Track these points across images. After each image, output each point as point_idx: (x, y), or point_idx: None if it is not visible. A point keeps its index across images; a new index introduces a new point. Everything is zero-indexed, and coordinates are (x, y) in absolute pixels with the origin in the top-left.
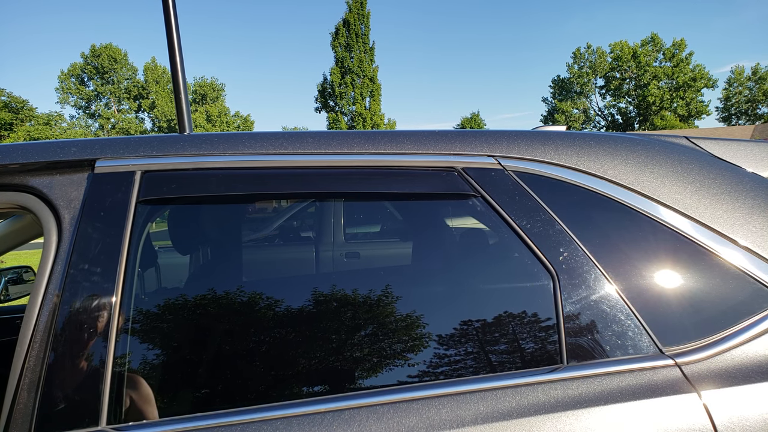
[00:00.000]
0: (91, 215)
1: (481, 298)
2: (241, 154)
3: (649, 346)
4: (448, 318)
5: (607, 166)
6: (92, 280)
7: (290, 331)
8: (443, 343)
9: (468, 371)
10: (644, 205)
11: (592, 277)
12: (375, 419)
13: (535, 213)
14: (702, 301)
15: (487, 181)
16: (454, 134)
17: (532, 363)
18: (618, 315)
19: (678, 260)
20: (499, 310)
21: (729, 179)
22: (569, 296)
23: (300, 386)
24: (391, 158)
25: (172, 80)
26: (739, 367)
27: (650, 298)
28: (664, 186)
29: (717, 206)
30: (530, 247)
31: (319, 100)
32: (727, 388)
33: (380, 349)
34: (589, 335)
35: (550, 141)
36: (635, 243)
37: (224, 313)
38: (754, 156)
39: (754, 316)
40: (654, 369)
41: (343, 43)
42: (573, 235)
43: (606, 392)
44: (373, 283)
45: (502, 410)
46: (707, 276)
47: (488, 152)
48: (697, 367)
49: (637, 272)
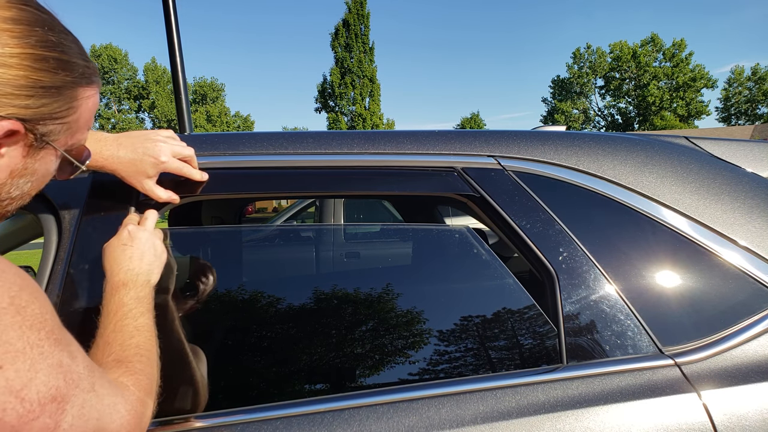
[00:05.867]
0: (92, 215)
1: (481, 297)
2: (241, 154)
3: (649, 346)
4: (448, 318)
5: (606, 166)
6: (92, 280)
7: (289, 331)
8: (443, 343)
9: (468, 371)
10: (644, 205)
11: (591, 277)
12: (375, 419)
13: (535, 213)
14: (701, 301)
15: (486, 181)
16: (453, 134)
17: (531, 363)
18: (618, 315)
19: (677, 260)
20: (499, 310)
21: (729, 179)
22: (569, 296)
23: (299, 386)
24: (391, 158)
25: (172, 80)
26: (739, 366)
27: (650, 298)
28: (664, 186)
29: (716, 206)
30: (530, 247)
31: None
32: (726, 387)
33: (380, 348)
34: (588, 335)
35: (549, 141)
36: (635, 243)
37: (224, 312)
38: (754, 156)
39: (753, 316)
40: (653, 369)
41: (342, 44)
42: (573, 235)
43: (606, 392)
44: (372, 283)
45: (502, 410)
46: (707, 276)
47: (488, 152)
48: (697, 367)
49: (637, 272)
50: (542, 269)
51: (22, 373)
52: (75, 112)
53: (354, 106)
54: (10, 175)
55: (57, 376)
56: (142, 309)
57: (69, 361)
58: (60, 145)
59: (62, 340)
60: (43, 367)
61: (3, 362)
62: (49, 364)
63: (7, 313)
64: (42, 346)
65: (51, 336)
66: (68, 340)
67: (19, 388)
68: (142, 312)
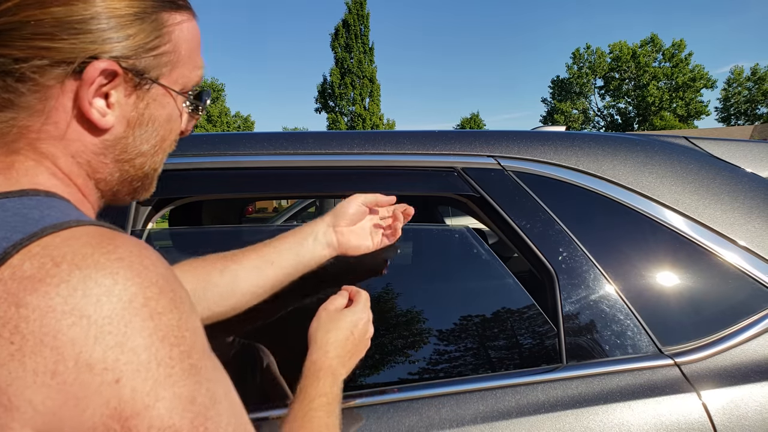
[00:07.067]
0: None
1: (481, 297)
2: (241, 154)
3: (649, 346)
4: (448, 317)
5: (606, 166)
6: None
7: (288, 331)
8: (443, 343)
9: (468, 370)
10: (643, 205)
11: (591, 277)
12: (375, 419)
13: (535, 213)
14: (701, 301)
15: (486, 181)
16: (453, 134)
17: (531, 362)
18: (617, 315)
19: (677, 260)
20: (499, 310)
21: (728, 179)
22: (569, 296)
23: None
24: (391, 158)
25: None
26: (739, 366)
27: (649, 298)
28: (663, 186)
29: (716, 206)
30: (530, 247)
31: (319, 101)
32: (726, 387)
33: (380, 348)
34: (588, 335)
35: (549, 141)
36: (634, 243)
37: None
38: (754, 156)
39: (753, 316)
40: (653, 369)
41: (342, 44)
42: (572, 235)
43: (605, 392)
44: (372, 283)
45: (502, 410)
46: (706, 276)
47: (488, 152)
48: (697, 367)
49: (637, 272)
50: (542, 269)
51: (138, 396)
52: (168, 42)
53: (354, 107)
54: (128, 125)
55: (182, 414)
56: (335, 408)
57: (206, 401)
58: (168, 83)
59: (203, 371)
60: (166, 396)
61: (122, 374)
62: (175, 393)
63: (138, 315)
64: (172, 366)
65: (186, 359)
66: (215, 376)
67: (129, 415)
68: (335, 411)
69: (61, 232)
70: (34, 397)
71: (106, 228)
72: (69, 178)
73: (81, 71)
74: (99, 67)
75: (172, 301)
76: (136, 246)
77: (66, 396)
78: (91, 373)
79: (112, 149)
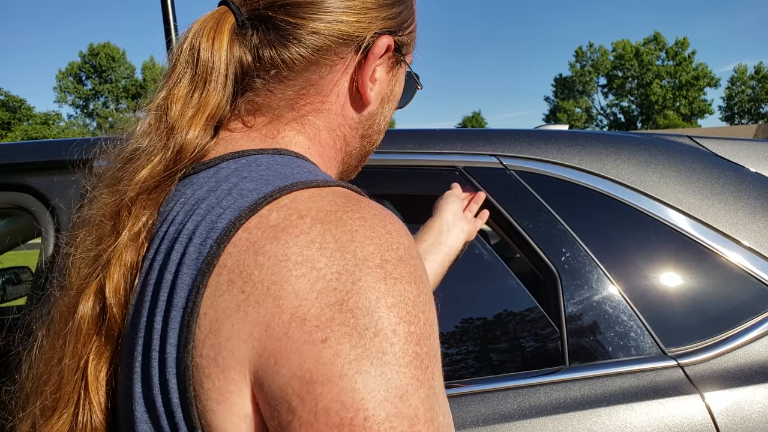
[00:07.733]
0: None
1: (483, 298)
2: None
3: (652, 347)
4: (449, 319)
5: (609, 165)
6: None
7: None
8: (445, 345)
9: (469, 373)
10: (647, 205)
11: (594, 278)
12: None
13: (537, 213)
14: (705, 302)
15: (488, 180)
16: (455, 133)
17: (534, 364)
18: (620, 316)
19: (681, 260)
20: (501, 311)
21: (732, 179)
22: (572, 297)
23: None
24: (392, 158)
25: None
26: (742, 368)
27: (653, 299)
28: (667, 186)
29: (720, 206)
30: (532, 248)
31: None
32: (729, 389)
33: None
34: (591, 336)
35: (552, 140)
36: (638, 243)
37: None
38: (758, 155)
39: (757, 317)
40: (656, 370)
41: None
42: (575, 235)
43: (608, 393)
44: None
45: (505, 412)
46: (710, 277)
47: (490, 151)
48: (700, 368)
49: (640, 272)
50: (544, 270)
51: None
52: (415, 19)
53: None
54: (381, 101)
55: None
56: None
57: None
58: (409, 61)
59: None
60: (372, 372)
61: (331, 334)
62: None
63: (370, 275)
64: (392, 344)
65: (413, 344)
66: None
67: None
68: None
69: (310, 189)
70: (245, 352)
71: (353, 191)
72: (323, 148)
73: (367, 47)
74: (384, 43)
75: (411, 274)
76: (382, 210)
77: (269, 353)
78: (302, 329)
79: (363, 125)
